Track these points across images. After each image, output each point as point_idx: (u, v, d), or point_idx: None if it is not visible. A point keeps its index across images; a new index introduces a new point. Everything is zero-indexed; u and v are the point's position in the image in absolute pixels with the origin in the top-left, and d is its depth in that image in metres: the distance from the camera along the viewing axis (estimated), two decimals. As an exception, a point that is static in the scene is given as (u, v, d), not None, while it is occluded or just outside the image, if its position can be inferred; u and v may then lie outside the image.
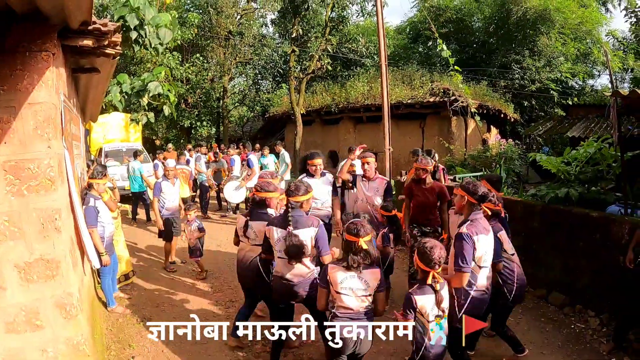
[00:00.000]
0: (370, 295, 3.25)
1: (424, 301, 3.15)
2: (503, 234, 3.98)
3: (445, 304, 3.21)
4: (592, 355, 4.47)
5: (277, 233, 3.80)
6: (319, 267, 3.85)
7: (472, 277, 3.45)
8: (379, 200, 5.55)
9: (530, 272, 6.08)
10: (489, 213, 3.80)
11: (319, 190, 5.60)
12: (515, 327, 5.08)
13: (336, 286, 3.25)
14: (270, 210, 4.47)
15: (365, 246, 3.21)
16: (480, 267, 3.49)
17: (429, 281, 3.13)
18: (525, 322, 5.21)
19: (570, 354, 4.49)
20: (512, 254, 4.06)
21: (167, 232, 7.26)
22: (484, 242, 3.44)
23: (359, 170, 6.25)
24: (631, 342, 4.51)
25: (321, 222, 3.85)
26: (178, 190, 7.55)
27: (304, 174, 5.92)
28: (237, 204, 11.17)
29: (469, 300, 3.50)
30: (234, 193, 10.37)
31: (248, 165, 10.29)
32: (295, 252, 3.63)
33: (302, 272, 3.80)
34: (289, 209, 3.80)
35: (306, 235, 3.70)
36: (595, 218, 5.28)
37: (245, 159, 11.07)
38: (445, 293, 3.21)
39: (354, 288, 3.23)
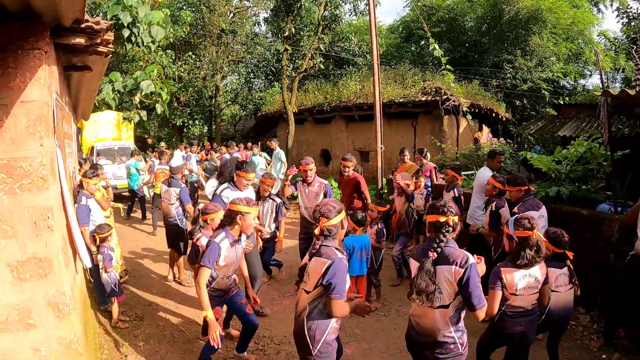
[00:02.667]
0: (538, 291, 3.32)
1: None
2: None
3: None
4: (582, 351, 4.52)
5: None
6: None
7: None
8: None
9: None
10: None
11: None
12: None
13: (512, 288, 3.22)
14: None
15: (539, 239, 3.23)
16: None
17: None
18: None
19: (560, 351, 4.52)
20: None
21: (186, 243, 6.53)
22: None
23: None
24: (621, 339, 4.57)
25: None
26: None
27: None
28: None
29: None
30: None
31: None
32: None
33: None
34: (319, 237, 3.00)
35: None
36: (586, 216, 5.33)
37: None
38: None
39: (527, 287, 3.23)
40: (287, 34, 15.44)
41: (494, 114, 15.58)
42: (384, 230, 5.81)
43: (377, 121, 8.66)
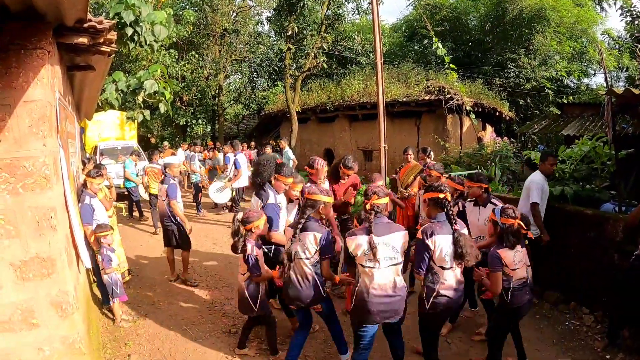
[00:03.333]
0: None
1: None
2: None
3: None
4: (586, 352, 4.50)
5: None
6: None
7: None
8: None
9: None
10: None
11: None
12: (510, 324, 5.12)
13: (512, 265, 3.69)
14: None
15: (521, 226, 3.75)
16: None
17: None
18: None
19: (564, 351, 4.52)
20: None
21: (186, 239, 6.52)
22: None
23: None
24: (625, 339, 4.55)
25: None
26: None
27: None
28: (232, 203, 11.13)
29: None
30: (218, 193, 10.36)
31: (235, 166, 10.24)
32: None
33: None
34: (372, 215, 3.51)
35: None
36: (590, 216, 5.30)
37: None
38: None
39: (520, 261, 3.74)
40: (290, 33, 15.44)
41: (497, 113, 15.54)
42: None
43: (381, 120, 8.65)
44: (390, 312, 3.52)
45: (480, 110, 14.06)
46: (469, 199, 5.01)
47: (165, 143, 16.82)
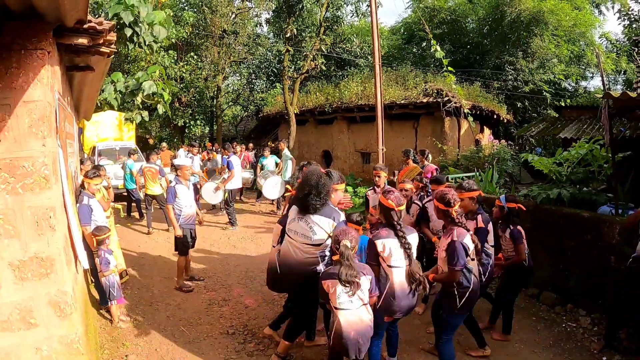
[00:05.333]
0: None
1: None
2: None
3: None
4: (583, 353, 4.52)
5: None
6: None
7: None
8: None
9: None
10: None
11: None
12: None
13: (525, 237, 4.59)
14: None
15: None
16: None
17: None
18: (516, 321, 5.25)
19: (561, 353, 4.54)
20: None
21: (182, 245, 6.37)
22: None
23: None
24: (622, 341, 4.57)
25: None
26: (192, 194, 6.75)
27: None
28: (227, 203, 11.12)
29: None
30: (212, 194, 10.39)
31: (228, 167, 10.26)
32: None
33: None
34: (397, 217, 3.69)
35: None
36: (587, 218, 5.33)
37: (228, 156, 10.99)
38: None
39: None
40: (288, 35, 15.45)
41: (495, 116, 15.56)
42: None
43: (379, 122, 8.68)
44: (410, 308, 3.75)
45: (478, 112, 14.08)
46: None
47: (164, 144, 16.83)
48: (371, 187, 6.21)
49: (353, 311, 3.35)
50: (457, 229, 3.69)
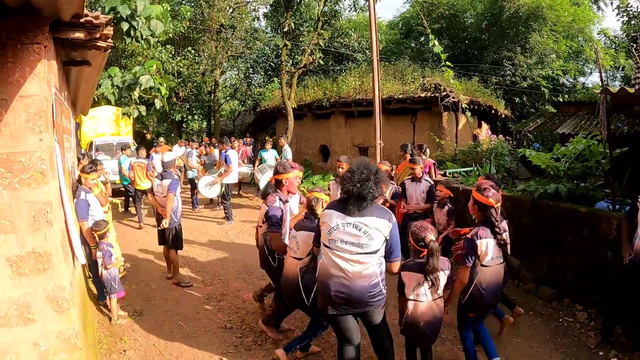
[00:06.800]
0: None
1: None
2: None
3: None
4: (579, 348, 4.54)
5: None
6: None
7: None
8: None
9: (519, 267, 6.16)
10: None
11: None
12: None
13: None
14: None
15: None
16: None
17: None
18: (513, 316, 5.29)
19: (558, 348, 4.56)
20: None
21: (177, 239, 6.45)
22: None
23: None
24: (618, 336, 4.59)
25: None
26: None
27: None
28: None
29: None
30: (208, 188, 10.38)
31: (225, 161, 10.25)
32: None
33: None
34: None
35: None
36: (584, 214, 5.34)
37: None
38: None
39: None
40: (286, 29, 15.39)
41: (493, 111, 15.57)
42: None
43: (377, 117, 8.67)
44: (494, 304, 4.07)
45: (476, 107, 14.08)
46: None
47: (161, 139, 16.80)
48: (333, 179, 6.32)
49: (426, 304, 3.44)
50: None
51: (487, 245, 3.65)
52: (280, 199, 4.56)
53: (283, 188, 4.61)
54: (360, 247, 3.16)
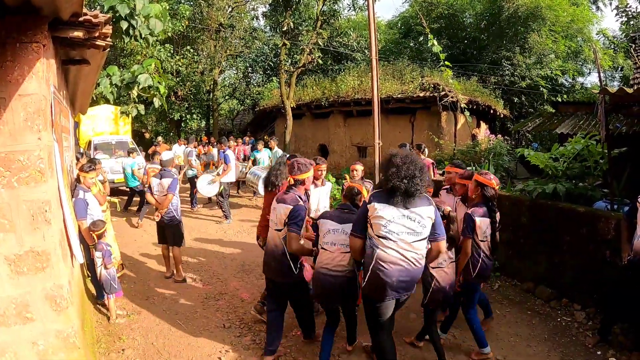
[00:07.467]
0: None
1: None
2: None
3: None
4: (577, 348, 4.55)
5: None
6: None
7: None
8: None
9: (517, 266, 6.17)
10: None
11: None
12: (502, 319, 5.17)
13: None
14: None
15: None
16: None
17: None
18: (512, 315, 5.29)
19: (556, 347, 4.56)
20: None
21: (179, 235, 6.50)
22: None
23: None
24: (617, 335, 4.60)
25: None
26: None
27: None
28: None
29: None
30: (207, 187, 10.39)
31: (225, 161, 10.26)
32: None
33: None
34: None
35: None
36: (582, 213, 5.35)
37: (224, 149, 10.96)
38: None
39: None
40: (285, 28, 15.38)
41: (492, 111, 15.58)
42: None
43: (375, 117, 8.67)
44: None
45: (474, 107, 14.09)
46: None
47: (160, 138, 16.79)
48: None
49: (446, 268, 4.03)
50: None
51: (480, 222, 4.16)
52: (301, 198, 4.28)
53: (301, 188, 4.40)
54: (416, 235, 3.37)
